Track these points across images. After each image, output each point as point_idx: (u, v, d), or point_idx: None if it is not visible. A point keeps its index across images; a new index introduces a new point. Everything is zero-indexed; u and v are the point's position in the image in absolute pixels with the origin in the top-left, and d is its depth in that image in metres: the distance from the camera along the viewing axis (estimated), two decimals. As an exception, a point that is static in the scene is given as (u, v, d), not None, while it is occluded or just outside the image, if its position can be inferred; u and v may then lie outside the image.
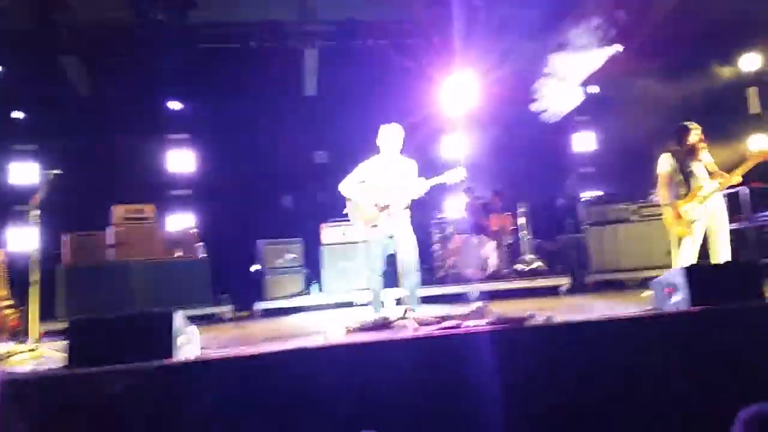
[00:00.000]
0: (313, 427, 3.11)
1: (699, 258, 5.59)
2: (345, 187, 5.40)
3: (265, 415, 3.11)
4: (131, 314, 3.68)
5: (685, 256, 5.57)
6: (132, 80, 8.55)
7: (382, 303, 5.52)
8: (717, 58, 8.94)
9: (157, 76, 8.48)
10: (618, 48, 8.87)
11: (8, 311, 5.51)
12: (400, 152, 5.40)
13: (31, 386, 3.07)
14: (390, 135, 5.32)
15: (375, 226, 5.27)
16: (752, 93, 9.09)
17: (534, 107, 10.00)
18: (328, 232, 8.04)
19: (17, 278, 5.62)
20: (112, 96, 8.84)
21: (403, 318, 4.68)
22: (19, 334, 4.81)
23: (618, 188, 9.32)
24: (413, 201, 5.45)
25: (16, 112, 8.43)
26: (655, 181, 5.88)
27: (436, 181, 5.28)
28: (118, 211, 7.40)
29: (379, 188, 5.28)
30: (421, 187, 5.29)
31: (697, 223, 5.54)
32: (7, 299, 5.59)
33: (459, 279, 8.29)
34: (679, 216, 5.62)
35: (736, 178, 5.46)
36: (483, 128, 10.05)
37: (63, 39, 8.37)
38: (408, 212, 5.36)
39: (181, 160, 9.01)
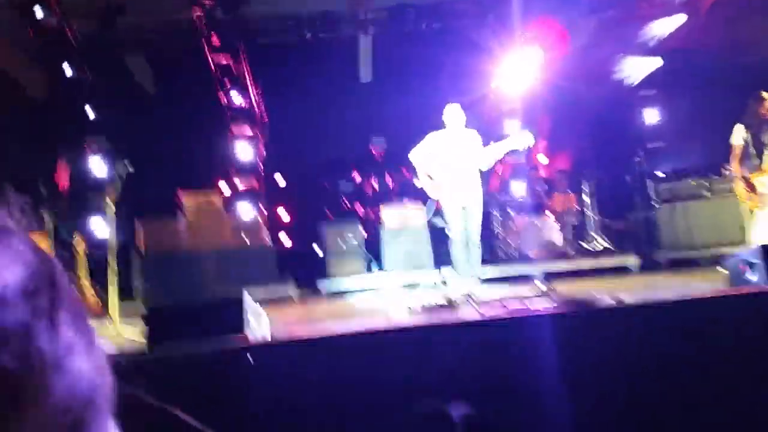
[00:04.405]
0: (378, 407, 3.15)
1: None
2: (415, 156, 5.73)
3: (332, 396, 3.17)
4: (204, 300, 3.88)
5: (761, 231, 5.31)
6: (194, 76, 8.81)
7: (460, 274, 5.66)
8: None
9: (218, 72, 8.70)
10: (682, 17, 8.45)
11: (91, 297, 5.83)
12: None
13: (114, 367, 3.24)
14: (455, 112, 5.65)
15: (451, 197, 5.53)
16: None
17: (606, 79, 9.66)
18: (388, 215, 8.09)
19: (95, 265, 5.94)
20: (177, 92, 9.17)
21: (468, 299, 4.68)
22: (99, 317, 5.07)
23: (689, 163, 8.93)
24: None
25: (89, 108, 8.78)
26: (728, 154, 5.63)
27: (501, 146, 5.58)
28: (188, 200, 7.65)
29: (450, 161, 5.55)
30: (489, 154, 5.59)
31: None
32: (90, 285, 5.92)
33: (523, 259, 8.16)
34: (753, 189, 5.38)
35: None
36: (545, 107, 9.78)
37: (128, 40, 8.76)
38: (479, 184, 5.60)
39: (245, 151, 9.19)
